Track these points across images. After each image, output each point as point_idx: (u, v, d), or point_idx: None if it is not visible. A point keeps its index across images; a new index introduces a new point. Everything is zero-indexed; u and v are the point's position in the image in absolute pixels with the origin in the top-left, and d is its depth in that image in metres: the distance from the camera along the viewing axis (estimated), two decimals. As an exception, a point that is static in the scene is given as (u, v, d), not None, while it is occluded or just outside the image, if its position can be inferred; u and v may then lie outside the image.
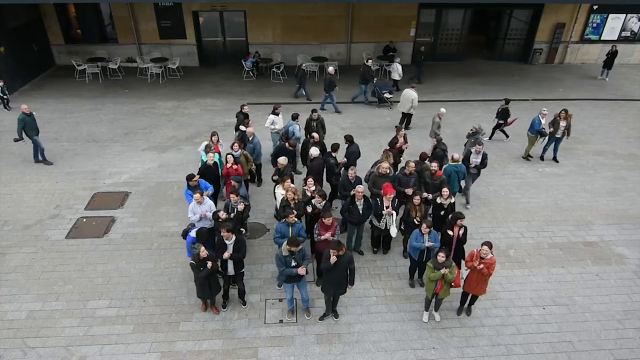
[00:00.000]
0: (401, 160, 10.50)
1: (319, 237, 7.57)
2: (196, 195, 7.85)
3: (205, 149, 9.65)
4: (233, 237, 7.03)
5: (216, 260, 7.03)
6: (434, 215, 8.56)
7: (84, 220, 9.77)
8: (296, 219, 7.60)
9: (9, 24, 15.68)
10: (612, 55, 17.93)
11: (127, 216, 9.93)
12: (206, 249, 6.91)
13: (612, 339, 7.39)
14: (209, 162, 9.16)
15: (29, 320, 7.44)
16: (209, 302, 7.64)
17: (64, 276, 8.31)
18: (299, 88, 15.82)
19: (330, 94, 14.66)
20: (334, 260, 6.61)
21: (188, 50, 18.66)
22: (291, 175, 9.19)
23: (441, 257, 6.78)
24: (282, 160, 9.19)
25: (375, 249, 9.05)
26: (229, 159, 9.12)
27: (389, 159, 9.36)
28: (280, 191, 8.57)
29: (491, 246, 6.85)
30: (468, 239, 7.83)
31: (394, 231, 8.37)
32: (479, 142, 10.03)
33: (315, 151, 9.47)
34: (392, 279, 8.46)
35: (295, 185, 8.67)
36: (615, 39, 19.61)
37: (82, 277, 8.30)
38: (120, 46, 18.40)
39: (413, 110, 13.54)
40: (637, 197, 11.06)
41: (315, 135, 10.28)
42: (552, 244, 9.43)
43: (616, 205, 10.71)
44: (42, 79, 17.51)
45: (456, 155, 9.53)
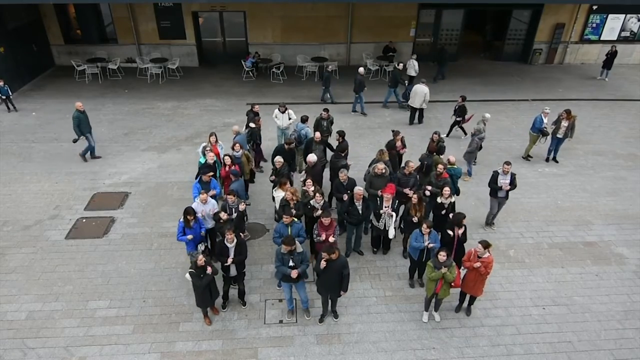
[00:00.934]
0: (401, 162, 10.50)
1: (319, 237, 7.57)
2: (202, 196, 7.88)
3: (203, 150, 9.64)
4: (235, 239, 7.02)
5: (215, 264, 7.00)
6: (435, 215, 8.56)
7: (84, 220, 9.77)
8: (295, 218, 7.60)
9: (8, 24, 15.69)
10: (611, 56, 17.94)
11: (127, 216, 9.92)
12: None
13: (612, 339, 7.39)
14: (209, 162, 9.14)
15: (28, 320, 7.44)
16: (208, 310, 7.55)
17: (63, 276, 8.31)
18: (325, 91, 15.65)
19: (360, 95, 14.69)
20: (323, 265, 6.65)
21: (188, 51, 18.67)
22: (289, 176, 9.19)
23: (442, 257, 6.78)
24: (277, 159, 9.16)
25: (375, 249, 9.05)
26: (226, 160, 9.13)
27: (384, 156, 9.35)
28: (278, 193, 8.55)
29: (487, 245, 6.87)
30: (468, 239, 7.84)
31: (392, 232, 8.37)
32: (506, 162, 9.06)
33: (313, 157, 9.32)
34: (391, 279, 8.46)
35: (294, 186, 8.67)
36: (615, 39, 19.63)
37: (82, 278, 8.29)
38: (120, 46, 18.40)
39: (425, 105, 13.88)
40: (636, 197, 11.06)
41: (317, 134, 10.25)
42: (552, 244, 9.43)
43: (616, 205, 10.71)
44: (42, 79, 17.51)
45: (452, 158, 9.53)
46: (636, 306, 8.00)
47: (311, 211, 8.24)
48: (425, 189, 8.71)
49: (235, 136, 10.26)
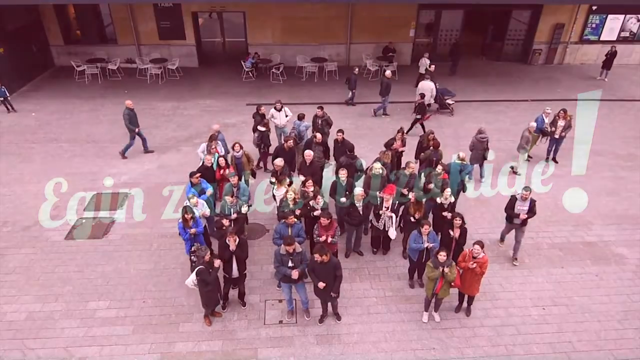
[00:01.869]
0: (401, 162, 10.50)
1: (318, 238, 7.57)
2: (193, 200, 7.93)
3: (208, 148, 9.67)
4: (237, 240, 7.02)
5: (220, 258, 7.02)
6: (435, 215, 8.57)
7: (84, 221, 9.76)
8: (296, 219, 7.60)
9: (8, 25, 15.67)
10: (611, 56, 17.93)
11: (127, 217, 9.91)
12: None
13: (612, 339, 7.39)
14: (207, 164, 9.17)
15: (28, 321, 7.43)
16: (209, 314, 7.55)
17: (63, 277, 8.30)
18: (352, 94, 15.46)
19: (385, 97, 14.62)
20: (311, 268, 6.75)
21: (187, 51, 18.65)
22: (289, 175, 9.19)
23: (442, 256, 6.79)
24: (277, 162, 9.16)
25: (375, 250, 9.04)
26: (220, 162, 9.14)
27: (387, 158, 9.35)
28: (279, 193, 8.55)
29: (483, 245, 6.88)
30: (468, 239, 7.83)
31: (392, 233, 8.37)
32: (525, 187, 8.20)
33: (310, 153, 9.32)
34: (391, 279, 8.46)
35: (294, 186, 8.66)
36: (615, 39, 19.62)
37: (81, 278, 8.29)
38: (119, 47, 18.38)
39: (431, 100, 14.13)
40: (636, 197, 11.06)
41: (318, 135, 10.24)
42: (552, 244, 9.43)
43: (615, 206, 10.71)
44: (42, 79, 17.49)
45: (462, 154, 9.52)
46: (636, 306, 8.00)
47: (311, 212, 8.24)
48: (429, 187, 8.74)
49: (217, 135, 10.28)
